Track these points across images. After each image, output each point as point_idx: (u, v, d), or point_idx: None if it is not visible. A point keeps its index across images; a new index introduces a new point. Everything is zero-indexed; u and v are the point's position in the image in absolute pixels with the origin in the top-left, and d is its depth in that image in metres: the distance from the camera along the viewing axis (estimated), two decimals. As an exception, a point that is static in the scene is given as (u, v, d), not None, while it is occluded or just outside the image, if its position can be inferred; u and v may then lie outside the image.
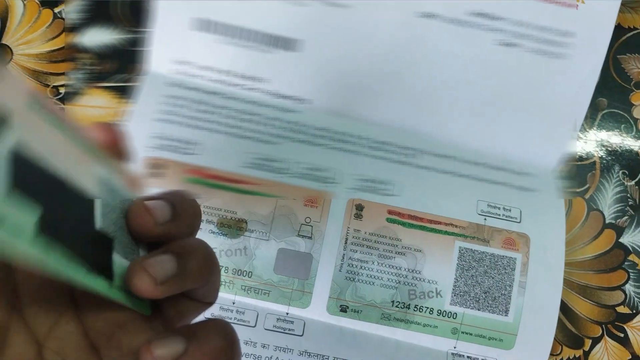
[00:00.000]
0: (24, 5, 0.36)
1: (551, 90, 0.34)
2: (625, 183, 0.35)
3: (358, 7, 0.34)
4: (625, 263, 0.34)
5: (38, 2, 0.36)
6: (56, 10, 0.36)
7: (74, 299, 0.18)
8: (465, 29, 0.33)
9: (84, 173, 0.16)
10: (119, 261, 0.17)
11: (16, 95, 0.15)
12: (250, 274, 0.32)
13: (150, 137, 0.33)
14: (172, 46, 0.35)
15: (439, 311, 0.32)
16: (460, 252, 0.33)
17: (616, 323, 0.33)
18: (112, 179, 0.18)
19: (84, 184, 0.16)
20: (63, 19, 0.36)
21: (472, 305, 0.32)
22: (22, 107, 0.15)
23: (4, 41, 0.36)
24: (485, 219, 0.33)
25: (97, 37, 0.36)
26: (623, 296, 0.34)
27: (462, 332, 0.32)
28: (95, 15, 0.36)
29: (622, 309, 0.34)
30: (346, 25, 0.34)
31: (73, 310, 0.18)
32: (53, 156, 0.15)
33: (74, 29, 0.36)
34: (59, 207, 0.15)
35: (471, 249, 0.33)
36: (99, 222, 0.17)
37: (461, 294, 0.32)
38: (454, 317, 0.32)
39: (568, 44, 0.33)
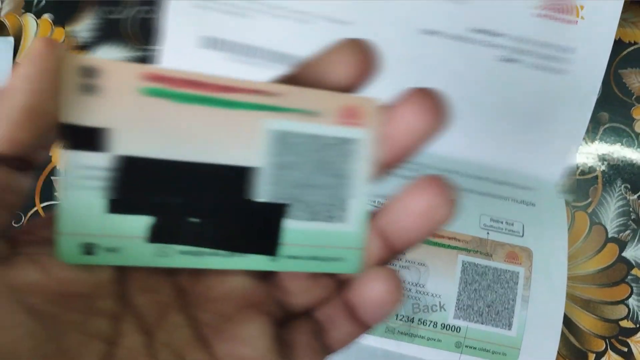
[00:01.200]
0: (37, 24, 0.37)
1: (552, 105, 0.35)
2: (628, 197, 0.35)
3: (361, 24, 0.34)
4: (628, 277, 0.34)
5: (51, 21, 0.37)
6: (68, 28, 0.37)
7: (181, 288, 0.17)
8: (466, 45, 0.34)
9: (237, 142, 0.16)
10: (298, 227, 0.17)
11: (122, 89, 0.15)
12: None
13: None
14: (180, 63, 0.35)
15: (443, 325, 0.32)
16: (463, 266, 0.33)
17: (620, 337, 0.33)
18: (298, 125, 0.16)
19: (235, 156, 0.16)
20: (75, 37, 0.37)
21: (475, 319, 0.32)
22: (133, 100, 0.15)
23: (18, 59, 0.37)
24: (488, 233, 0.34)
25: (108, 54, 0.37)
26: (626, 310, 0.34)
27: (466, 346, 0.32)
28: (106, 33, 0.37)
29: (625, 323, 0.34)
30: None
31: (181, 301, 0.17)
32: (184, 141, 0.15)
33: (85, 47, 0.37)
34: (187, 199, 0.16)
35: (474, 263, 0.33)
36: (260, 194, 0.16)
37: (464, 307, 0.33)
38: (458, 330, 0.32)
39: (568, 59, 0.34)
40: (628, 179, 0.36)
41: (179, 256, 0.16)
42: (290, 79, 0.17)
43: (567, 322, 0.34)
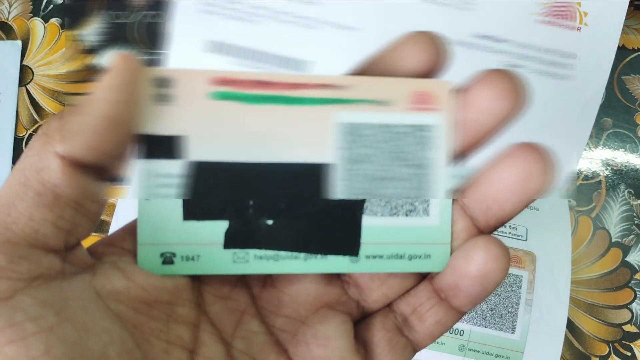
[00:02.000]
0: (45, 28, 0.37)
1: (556, 110, 0.35)
2: (631, 202, 0.35)
3: (366, 30, 0.35)
4: (632, 282, 0.34)
5: (58, 25, 0.37)
6: (75, 33, 0.37)
7: (253, 294, 0.17)
8: (470, 51, 0.34)
9: (308, 138, 0.16)
10: (377, 224, 0.16)
11: (193, 96, 0.15)
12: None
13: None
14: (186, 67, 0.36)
15: (446, 328, 0.33)
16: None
17: (623, 342, 0.34)
18: (369, 115, 0.16)
19: (307, 154, 0.16)
20: (82, 41, 0.37)
21: (479, 322, 0.33)
22: (204, 105, 0.15)
23: (25, 62, 0.37)
24: (491, 237, 0.34)
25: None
26: (630, 315, 0.34)
27: (470, 349, 0.32)
28: (113, 37, 0.37)
29: (629, 328, 0.34)
30: (355, 47, 0.35)
31: (254, 306, 0.17)
32: (255, 141, 0.15)
33: (92, 50, 0.37)
34: (261, 201, 0.16)
35: (478, 267, 0.33)
36: (334, 191, 0.16)
37: (468, 311, 0.33)
38: (461, 334, 0.33)
39: (571, 65, 0.34)
40: (631, 184, 0.36)
41: (256, 262, 0.16)
42: (360, 74, 0.16)
43: (571, 326, 0.34)
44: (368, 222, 0.16)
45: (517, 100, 0.15)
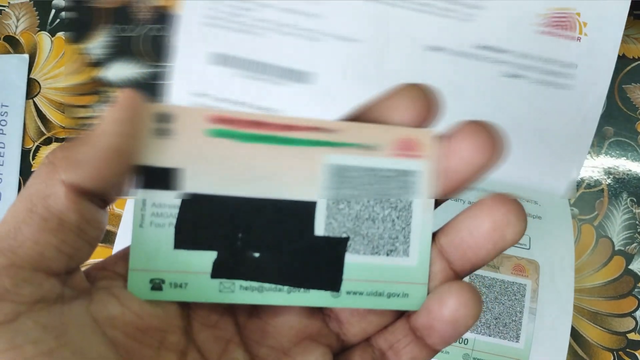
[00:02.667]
0: (52, 41, 0.38)
1: (557, 119, 0.35)
2: (634, 210, 0.36)
3: (368, 42, 0.35)
4: (635, 290, 0.34)
5: (65, 39, 0.38)
6: (81, 46, 0.38)
7: (239, 324, 0.18)
8: (471, 62, 0.34)
9: (298, 177, 0.17)
10: (359, 261, 0.17)
11: (191, 132, 0.16)
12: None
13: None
14: (191, 79, 0.36)
15: (450, 337, 0.33)
16: (470, 278, 0.33)
17: (627, 350, 0.33)
18: (356, 158, 0.17)
19: (296, 191, 0.16)
20: (88, 54, 0.38)
21: (483, 331, 0.33)
22: (201, 141, 0.16)
23: (32, 76, 0.38)
24: (494, 246, 0.34)
25: (120, 71, 0.38)
26: (634, 323, 0.34)
27: (474, 358, 0.32)
28: (119, 50, 0.38)
29: (633, 336, 0.34)
30: (357, 59, 0.35)
31: (239, 336, 0.18)
32: (247, 177, 0.16)
33: (98, 63, 0.38)
34: (249, 234, 0.16)
35: (481, 275, 0.33)
36: (320, 228, 0.17)
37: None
38: (466, 342, 0.33)
39: (572, 75, 0.34)
40: (634, 192, 0.36)
41: (241, 292, 0.16)
42: (353, 120, 0.17)
43: (575, 334, 0.34)
44: (350, 259, 0.17)
45: (495, 152, 0.16)
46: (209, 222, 0.16)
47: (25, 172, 0.37)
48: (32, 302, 0.14)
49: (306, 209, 0.17)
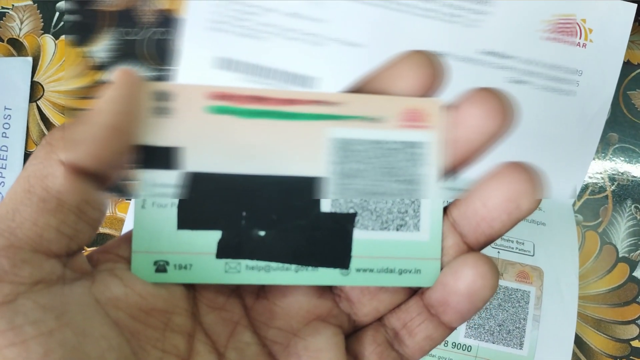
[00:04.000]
0: (55, 44, 0.38)
1: (562, 126, 0.35)
2: (638, 217, 0.35)
3: (372, 47, 0.35)
4: (639, 297, 0.34)
5: (69, 42, 0.38)
6: (85, 49, 0.38)
7: (246, 305, 0.18)
8: (476, 67, 0.34)
9: (301, 152, 0.16)
10: (368, 238, 0.16)
11: (190, 109, 0.16)
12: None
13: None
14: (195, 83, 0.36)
15: (454, 344, 0.33)
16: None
17: (631, 357, 0.33)
18: (361, 131, 0.16)
19: (300, 167, 0.16)
20: (92, 57, 0.38)
21: (486, 338, 0.33)
22: (201, 118, 0.16)
23: (35, 79, 0.38)
24: (498, 252, 0.34)
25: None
26: (638, 330, 0.34)
27: (477, 365, 0.32)
28: (123, 54, 0.38)
29: (636, 343, 0.34)
30: (361, 63, 0.35)
31: (247, 318, 0.17)
32: (249, 154, 0.16)
33: (102, 67, 0.38)
34: (254, 213, 0.16)
35: (485, 282, 0.33)
36: (326, 204, 0.16)
37: (475, 326, 0.33)
38: (469, 349, 0.32)
39: (577, 81, 0.34)
40: (638, 198, 0.36)
41: (247, 272, 0.16)
42: (356, 91, 0.17)
43: (579, 341, 0.34)
44: (359, 235, 0.16)
45: (505, 118, 0.16)
46: (212, 201, 0.16)
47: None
48: (31, 282, 0.13)
49: (311, 185, 0.16)
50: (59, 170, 0.14)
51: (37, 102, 0.37)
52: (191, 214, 0.16)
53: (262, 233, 0.16)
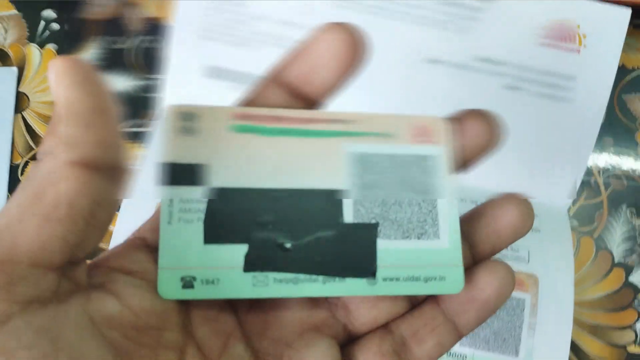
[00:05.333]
0: (41, 54, 0.37)
1: (557, 131, 0.35)
2: (633, 222, 0.35)
3: (365, 54, 0.34)
4: (635, 302, 0.34)
5: (55, 51, 0.37)
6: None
7: (239, 317, 0.17)
8: (470, 74, 0.34)
9: (322, 167, 0.17)
10: (391, 247, 0.17)
11: (215, 128, 0.16)
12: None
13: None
14: (184, 92, 0.36)
15: (449, 353, 0.32)
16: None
17: (627, 363, 0.33)
18: (376, 146, 0.17)
19: (321, 180, 0.17)
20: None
21: (482, 346, 0.32)
22: (225, 137, 0.16)
23: (21, 89, 0.37)
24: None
25: (112, 84, 0.37)
26: (634, 336, 0.34)
27: (473, 374, 0.32)
28: (110, 63, 0.37)
29: (633, 349, 0.34)
30: (354, 70, 0.35)
31: (240, 330, 0.17)
32: (272, 170, 0.16)
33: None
34: (280, 225, 0.16)
35: (480, 289, 0.33)
36: (349, 215, 0.17)
37: (471, 335, 0.33)
38: (464, 358, 0.32)
39: (571, 87, 0.34)
40: (633, 203, 0.36)
41: (275, 285, 0.16)
42: (274, 77, 0.17)
43: (575, 348, 0.34)
44: (383, 245, 0.17)
45: (499, 134, 0.18)
46: (237, 215, 0.16)
47: (14, 188, 0.36)
48: (26, 301, 0.13)
49: (333, 197, 0.17)
50: (71, 172, 0.13)
51: (23, 112, 0.36)
52: (217, 228, 0.16)
53: (288, 245, 0.16)
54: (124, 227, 0.34)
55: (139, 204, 0.27)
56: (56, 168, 0.13)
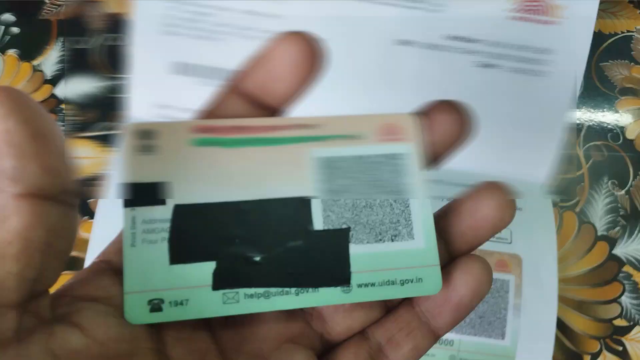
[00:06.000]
0: (3, 60, 0.36)
1: (534, 107, 0.34)
2: (615, 193, 0.35)
3: (334, 40, 0.33)
4: (620, 275, 0.34)
5: (17, 56, 0.36)
6: (35, 63, 0.36)
7: (214, 334, 0.17)
8: (442, 53, 0.33)
9: (288, 175, 0.16)
10: (365, 251, 0.17)
11: (175, 144, 0.16)
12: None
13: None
14: (151, 91, 0.35)
15: (436, 337, 0.32)
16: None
17: (614, 337, 0.33)
18: (343, 149, 0.17)
19: (289, 189, 0.16)
20: (42, 71, 0.36)
21: (468, 331, 0.32)
22: (187, 152, 0.16)
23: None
24: (476, 241, 0.33)
25: (77, 86, 0.36)
26: (619, 309, 0.34)
27: (461, 359, 0.32)
28: (74, 65, 0.36)
29: (619, 322, 0.34)
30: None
31: (216, 346, 0.17)
32: (237, 182, 0.16)
33: (54, 80, 0.36)
34: (247, 239, 0.16)
35: (465, 271, 0.33)
36: (319, 222, 0.16)
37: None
38: (451, 344, 0.32)
39: (547, 60, 0.33)
40: (614, 174, 0.35)
41: (246, 300, 0.16)
42: (233, 87, 0.17)
43: (561, 325, 0.34)
44: (355, 250, 0.16)
45: (469, 126, 0.17)
46: (203, 231, 0.16)
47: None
48: None
49: (301, 205, 0.16)
50: (20, 205, 0.13)
51: (-9, 121, 0.36)
52: (183, 247, 0.15)
53: (257, 258, 0.16)
54: (100, 233, 0.33)
55: (114, 209, 0.26)
56: (5, 203, 0.13)
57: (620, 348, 0.33)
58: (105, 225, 0.33)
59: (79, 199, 0.15)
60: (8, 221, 0.13)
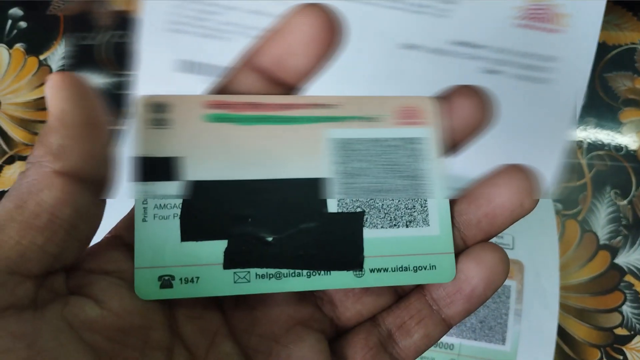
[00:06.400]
0: (10, 54, 0.36)
1: (537, 114, 0.34)
2: (617, 203, 0.35)
3: (340, 42, 0.34)
4: (621, 284, 0.34)
5: (23, 50, 0.36)
6: (41, 57, 0.36)
7: (225, 314, 0.17)
8: (447, 58, 0.33)
9: (303, 155, 0.16)
10: (379, 236, 0.16)
11: (189, 119, 0.16)
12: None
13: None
14: (157, 88, 0.35)
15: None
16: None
17: (615, 345, 0.33)
18: (359, 131, 0.16)
19: (303, 169, 0.16)
20: (48, 65, 0.36)
21: (468, 335, 0.32)
22: (200, 127, 0.16)
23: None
24: (478, 246, 0.33)
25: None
26: (620, 318, 0.34)
27: (460, 363, 0.32)
28: (81, 60, 0.36)
29: (620, 331, 0.33)
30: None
31: (227, 326, 0.17)
32: (250, 160, 0.16)
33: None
34: (260, 218, 0.16)
35: (466, 277, 0.33)
36: (333, 204, 0.16)
37: (457, 324, 0.32)
38: (451, 348, 0.32)
39: (551, 68, 0.33)
40: (617, 183, 0.35)
41: (257, 281, 0.16)
42: (249, 59, 0.16)
43: (561, 332, 0.33)
44: (369, 234, 0.16)
45: (491, 111, 0.17)
46: (215, 209, 0.15)
47: (-10, 192, 0.35)
48: (2, 308, 0.13)
49: (316, 187, 0.16)
50: (55, 181, 0.13)
51: (-6, 115, 0.36)
52: (195, 224, 0.15)
53: (269, 239, 0.16)
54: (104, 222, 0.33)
55: (119, 201, 0.26)
56: (41, 177, 0.13)
57: (621, 357, 0.33)
58: (109, 215, 0.33)
59: (110, 190, 0.15)
60: (40, 194, 0.13)
